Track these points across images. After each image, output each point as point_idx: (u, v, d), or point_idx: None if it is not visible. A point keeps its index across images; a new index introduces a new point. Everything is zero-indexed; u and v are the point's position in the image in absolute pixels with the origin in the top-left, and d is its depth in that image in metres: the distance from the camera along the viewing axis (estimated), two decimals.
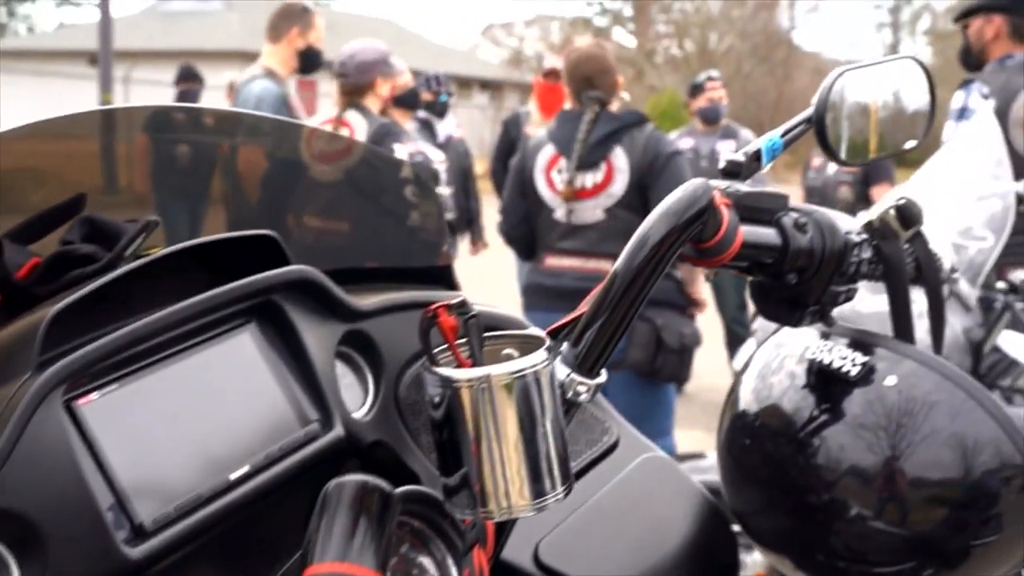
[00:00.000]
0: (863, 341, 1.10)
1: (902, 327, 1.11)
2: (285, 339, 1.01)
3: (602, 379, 0.95)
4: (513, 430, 0.86)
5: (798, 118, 1.13)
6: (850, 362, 1.09)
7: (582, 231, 3.74)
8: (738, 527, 1.28)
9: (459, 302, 0.85)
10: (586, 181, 3.72)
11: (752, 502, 1.19)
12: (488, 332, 1.14)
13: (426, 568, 0.93)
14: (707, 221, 0.93)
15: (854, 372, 1.08)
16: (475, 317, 0.85)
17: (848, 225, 1.06)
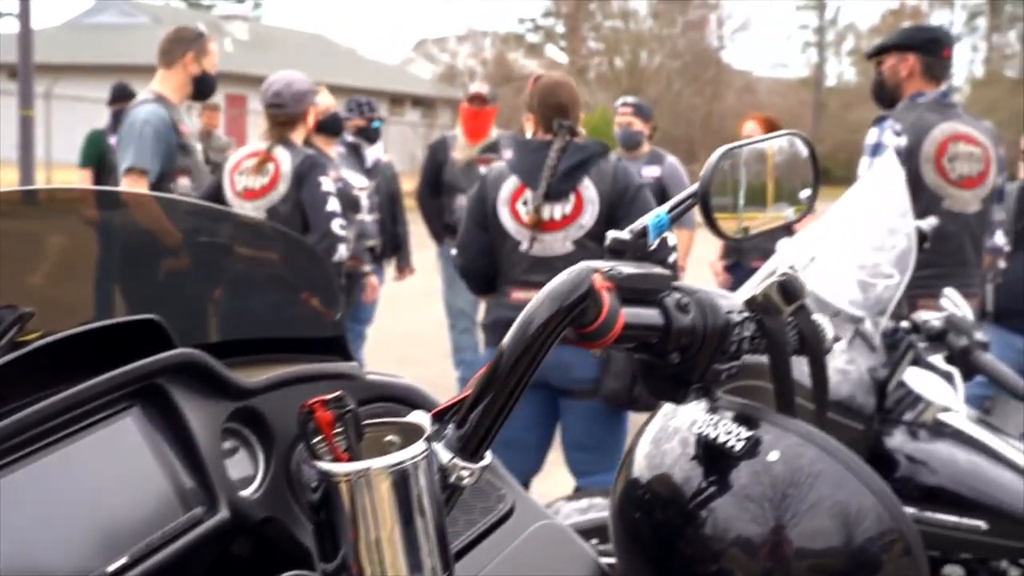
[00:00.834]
0: (748, 415, 1.12)
1: (785, 401, 1.14)
2: (169, 422, 1.00)
3: (487, 462, 0.96)
4: (391, 521, 0.87)
5: (684, 193, 1.15)
6: (735, 437, 1.11)
7: (551, 263, 3.61)
8: None
9: (335, 396, 0.85)
10: (554, 212, 3.63)
11: (642, 571, 1.20)
12: (381, 401, 1.14)
13: None
14: (587, 307, 0.94)
15: (738, 447, 1.10)
16: (352, 411, 0.86)
17: (730, 304, 1.08)
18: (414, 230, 6.75)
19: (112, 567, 0.90)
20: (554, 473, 4.27)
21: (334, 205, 4.47)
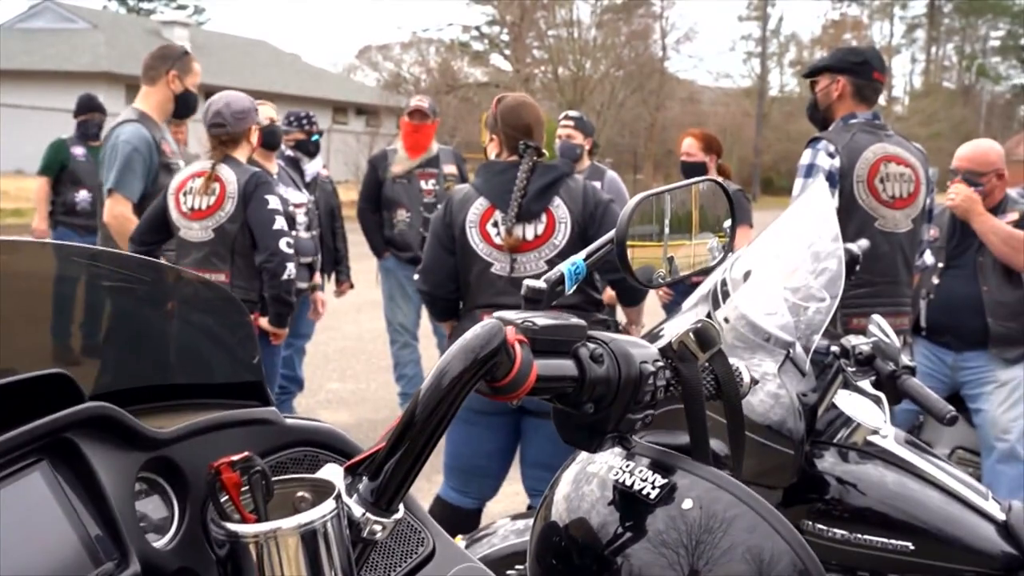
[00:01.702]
0: (663, 462, 1.14)
1: (700, 448, 1.14)
2: (79, 476, 0.99)
3: (399, 515, 0.96)
4: None
5: (602, 240, 1.15)
6: (650, 485, 1.12)
7: (524, 284, 3.61)
8: None
9: (243, 458, 0.85)
10: (526, 233, 3.62)
11: None
12: (300, 446, 1.13)
13: None
14: (500, 361, 0.95)
15: (654, 495, 1.11)
16: (260, 471, 0.86)
17: (644, 353, 1.09)
18: (354, 239, 6.71)
19: None
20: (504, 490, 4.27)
21: (281, 223, 4.44)
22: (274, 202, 4.47)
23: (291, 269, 4.45)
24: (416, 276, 3.99)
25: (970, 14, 61.72)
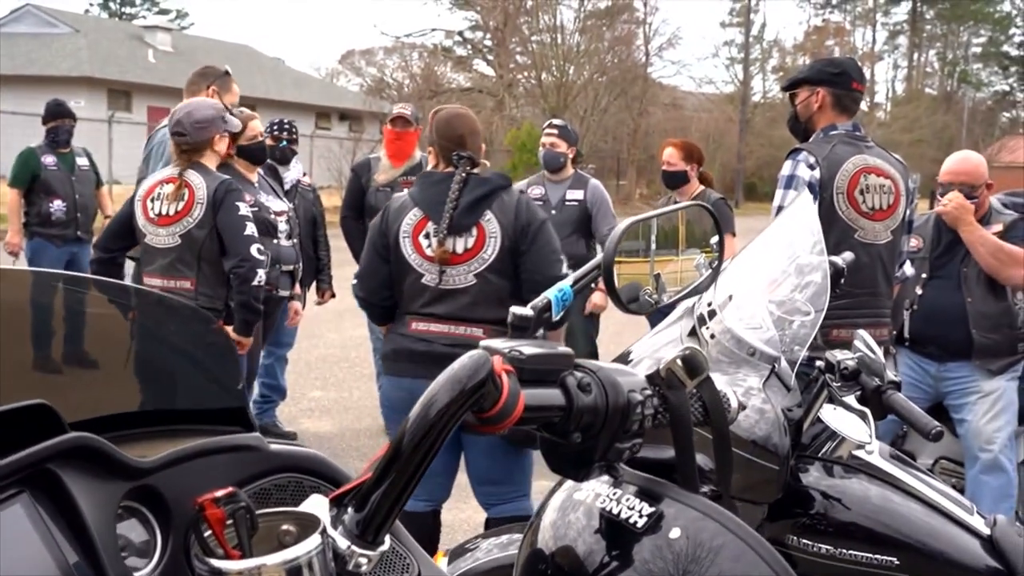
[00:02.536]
0: (650, 490, 1.13)
1: (687, 475, 1.14)
2: (61, 507, 0.98)
3: (385, 547, 0.95)
4: None
5: (589, 265, 1.15)
6: (637, 513, 1.11)
7: (452, 296, 3.60)
8: None
9: (227, 494, 0.84)
10: (457, 246, 3.60)
11: None
12: (285, 472, 1.12)
13: None
14: (487, 392, 0.94)
15: (640, 524, 1.10)
16: (245, 507, 0.85)
17: (632, 381, 1.08)
18: (337, 246, 6.67)
19: None
20: (467, 501, 4.25)
21: (252, 229, 4.44)
22: (244, 208, 4.48)
23: (261, 275, 4.44)
24: (353, 282, 3.99)
25: (952, 21, 62.08)
